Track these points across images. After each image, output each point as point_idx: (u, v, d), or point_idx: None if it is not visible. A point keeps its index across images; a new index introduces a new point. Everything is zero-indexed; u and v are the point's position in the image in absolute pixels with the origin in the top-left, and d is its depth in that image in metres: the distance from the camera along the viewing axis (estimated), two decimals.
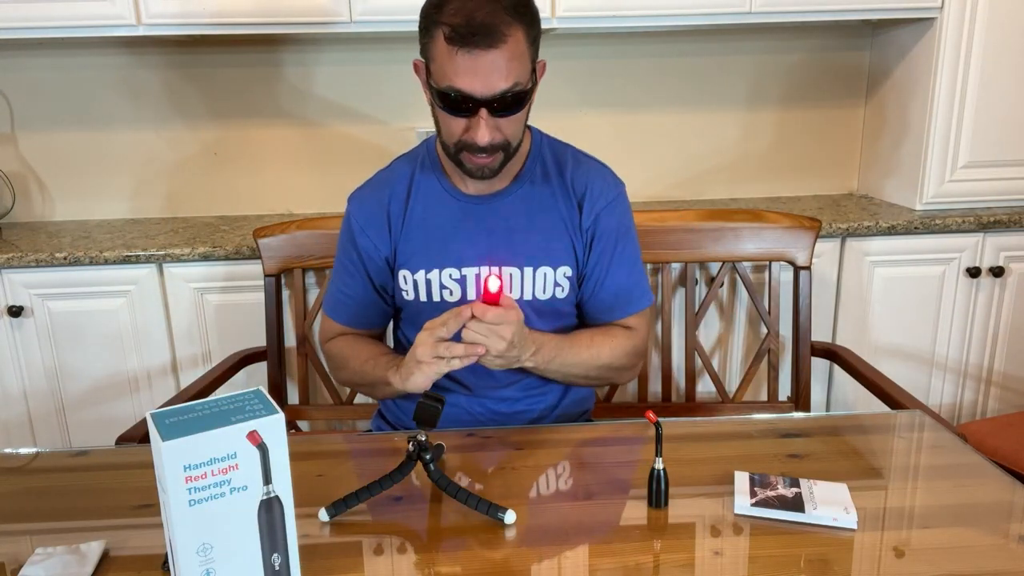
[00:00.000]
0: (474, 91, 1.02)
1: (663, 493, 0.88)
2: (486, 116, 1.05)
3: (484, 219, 1.19)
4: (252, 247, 1.86)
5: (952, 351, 2.10)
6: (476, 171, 1.11)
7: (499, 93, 1.03)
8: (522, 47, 1.03)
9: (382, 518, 0.88)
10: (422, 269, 1.19)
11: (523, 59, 1.04)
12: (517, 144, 1.12)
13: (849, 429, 1.08)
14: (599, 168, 1.24)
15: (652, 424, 0.87)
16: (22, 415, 1.96)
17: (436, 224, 1.20)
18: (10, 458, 1.06)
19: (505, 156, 1.11)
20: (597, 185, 1.21)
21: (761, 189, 2.43)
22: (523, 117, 1.11)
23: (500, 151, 1.09)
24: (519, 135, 1.12)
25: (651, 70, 2.33)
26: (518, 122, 1.10)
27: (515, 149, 1.12)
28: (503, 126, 1.07)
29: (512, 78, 1.03)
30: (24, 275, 1.87)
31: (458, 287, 1.19)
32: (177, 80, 2.24)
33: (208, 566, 0.68)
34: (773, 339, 1.61)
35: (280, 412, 0.68)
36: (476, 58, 1.00)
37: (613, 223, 1.20)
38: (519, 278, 1.18)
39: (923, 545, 0.81)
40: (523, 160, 1.20)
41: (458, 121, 1.07)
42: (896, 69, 2.21)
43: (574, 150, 1.25)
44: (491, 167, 1.11)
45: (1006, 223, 2.01)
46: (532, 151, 1.22)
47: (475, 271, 1.18)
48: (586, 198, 1.20)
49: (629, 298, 1.23)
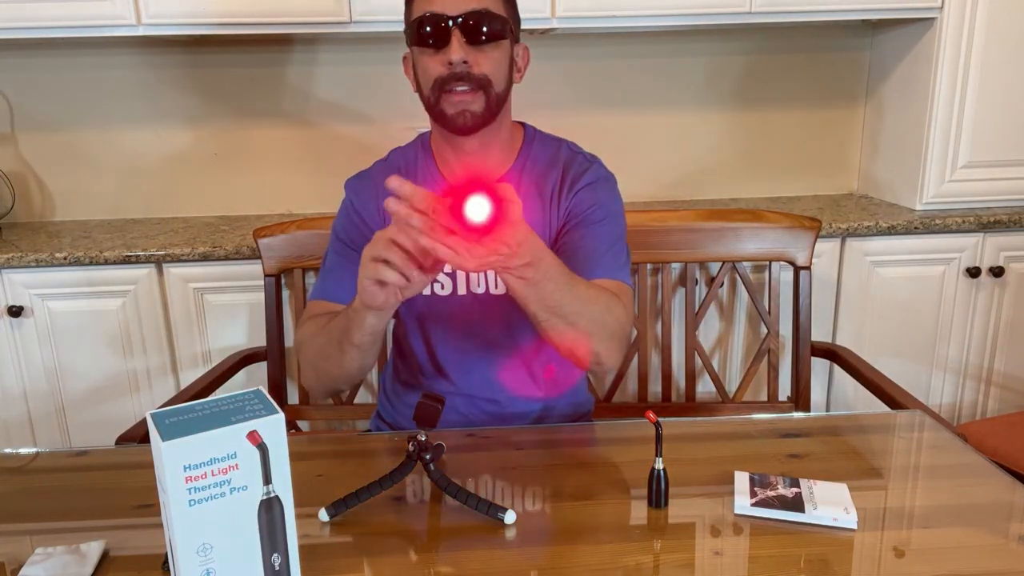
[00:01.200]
0: (444, 9, 1.06)
1: (663, 493, 0.88)
2: (458, 36, 1.06)
3: None
4: (252, 247, 1.86)
5: (952, 351, 2.10)
6: (457, 115, 1.09)
7: (469, 11, 1.05)
8: None
9: (382, 518, 0.88)
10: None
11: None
12: (499, 93, 1.11)
13: (849, 429, 1.08)
14: (588, 158, 1.22)
15: (652, 424, 0.87)
16: (22, 415, 1.96)
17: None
18: (10, 458, 1.06)
19: (486, 99, 1.09)
20: (578, 171, 1.18)
21: (761, 189, 2.43)
22: (499, 58, 1.10)
23: (480, 90, 1.08)
24: (499, 77, 1.10)
25: (651, 70, 2.32)
26: (495, 60, 1.09)
27: (496, 97, 1.10)
28: (478, 58, 1.08)
29: (483, 2, 1.06)
30: (24, 275, 1.87)
31: (448, 280, 1.18)
32: (177, 80, 2.24)
33: (208, 566, 0.68)
34: (773, 339, 1.61)
35: (280, 412, 0.68)
36: None
37: (589, 200, 1.16)
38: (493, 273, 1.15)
39: (923, 545, 0.81)
40: (515, 154, 1.20)
41: (434, 56, 1.08)
42: (896, 69, 2.21)
43: (567, 144, 1.24)
44: (472, 109, 1.09)
45: (1006, 223, 2.01)
46: (523, 145, 1.21)
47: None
48: (566, 181, 1.18)
49: (600, 263, 1.11)
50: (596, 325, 1.01)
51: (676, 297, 1.86)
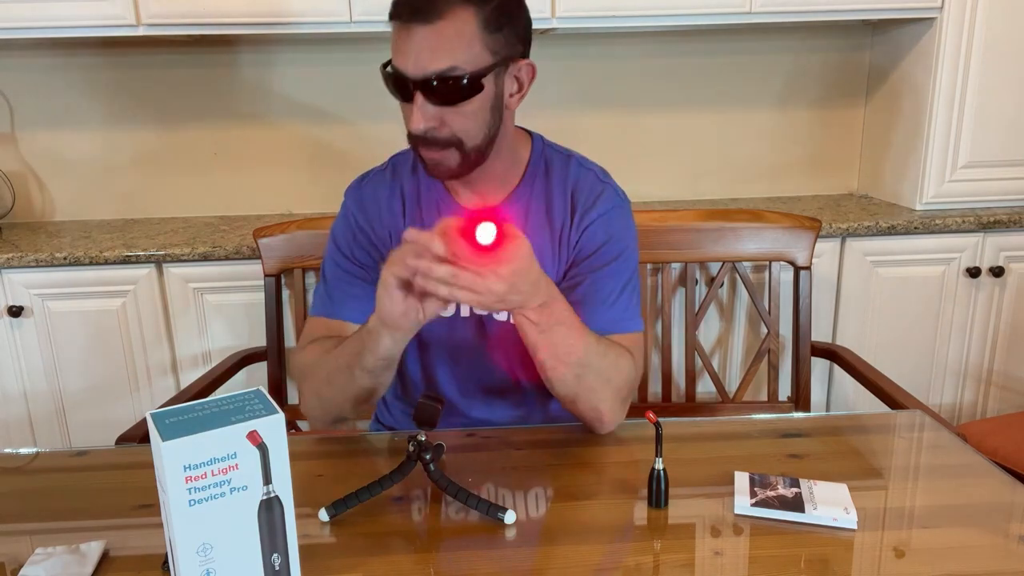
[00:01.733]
0: (406, 68, 0.95)
1: (663, 493, 0.88)
2: (420, 101, 0.96)
3: None
4: (252, 247, 1.86)
5: (952, 351, 2.10)
6: (432, 167, 1.03)
7: (429, 74, 0.94)
8: (467, 28, 0.94)
9: (382, 518, 0.88)
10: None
11: (467, 42, 0.94)
12: (477, 145, 1.01)
13: (849, 429, 1.08)
14: (598, 180, 1.13)
15: (652, 424, 0.87)
16: (22, 415, 1.96)
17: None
18: (10, 458, 1.06)
19: (461, 155, 1.01)
20: (590, 197, 1.10)
21: (761, 189, 2.43)
22: (474, 112, 0.98)
23: (452, 147, 1.00)
24: (474, 132, 1.00)
25: (651, 70, 2.33)
26: (467, 117, 0.98)
27: (474, 149, 1.01)
28: (447, 118, 0.98)
29: (446, 60, 0.93)
30: (24, 275, 1.87)
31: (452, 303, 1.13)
32: (177, 80, 2.24)
33: (208, 566, 0.68)
34: (773, 339, 1.61)
35: (280, 412, 0.68)
36: (409, 33, 0.94)
37: (602, 235, 1.09)
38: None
39: (923, 545, 0.81)
40: (521, 171, 1.12)
41: (405, 107, 1.00)
42: (896, 69, 2.21)
43: (578, 159, 1.15)
44: (446, 164, 1.01)
45: (1006, 223, 2.01)
46: (532, 161, 1.13)
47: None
48: (577, 209, 1.10)
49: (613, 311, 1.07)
50: (602, 381, 1.00)
51: (676, 297, 1.86)
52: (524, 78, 1.04)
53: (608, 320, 1.06)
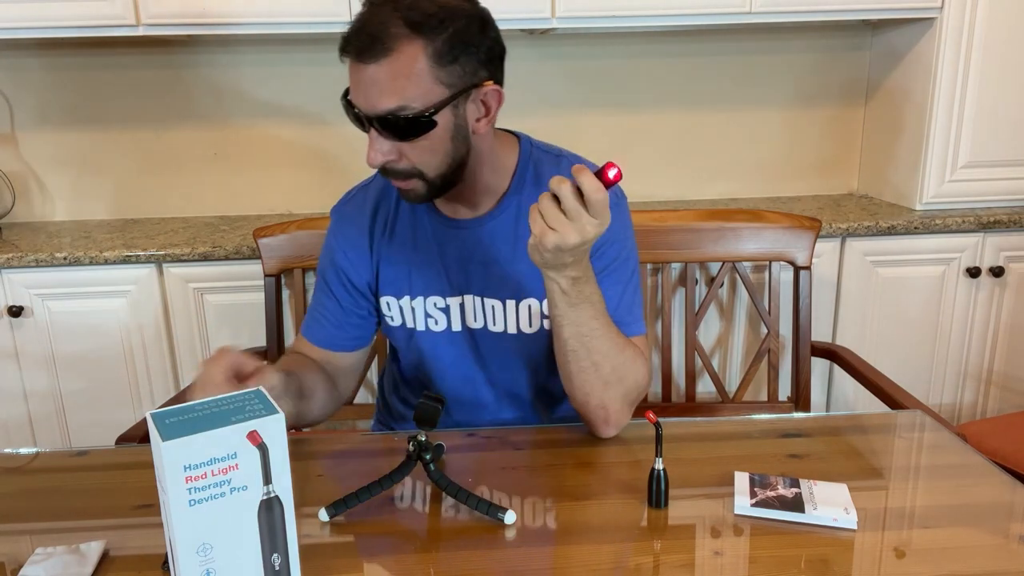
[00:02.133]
0: (359, 104, 0.94)
1: (663, 493, 0.88)
2: (375, 135, 0.95)
3: (466, 246, 1.10)
4: (252, 247, 1.86)
5: (952, 351, 2.10)
6: (402, 194, 1.03)
7: (380, 113, 0.92)
8: (417, 64, 0.91)
9: (382, 518, 0.88)
10: (406, 296, 1.13)
11: (417, 78, 0.91)
12: (442, 173, 0.99)
13: (849, 429, 1.08)
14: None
15: (652, 424, 0.87)
16: (22, 415, 1.96)
17: (420, 248, 1.11)
18: (10, 458, 1.06)
19: (426, 184, 0.99)
20: None
21: (761, 189, 2.43)
22: (431, 145, 0.96)
23: (415, 178, 0.99)
24: (435, 163, 0.98)
25: (651, 70, 2.33)
26: (425, 150, 0.96)
27: (439, 178, 0.99)
28: (406, 151, 0.96)
29: (395, 99, 0.91)
30: (24, 275, 1.87)
31: (443, 316, 1.12)
32: (177, 80, 2.24)
33: (208, 566, 0.68)
34: (773, 339, 1.61)
35: (280, 412, 0.68)
36: (359, 70, 0.92)
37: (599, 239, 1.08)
38: (501, 311, 1.10)
39: (923, 545, 0.81)
40: (509, 179, 1.09)
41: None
42: (896, 69, 2.21)
43: (568, 157, 1.13)
44: (415, 192, 1.00)
45: (1006, 223, 2.01)
46: (519, 167, 1.10)
47: (459, 300, 1.11)
48: None
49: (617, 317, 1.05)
50: (617, 376, 0.99)
51: (676, 297, 1.86)
52: (491, 102, 1.00)
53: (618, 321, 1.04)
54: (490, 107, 1.01)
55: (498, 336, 1.12)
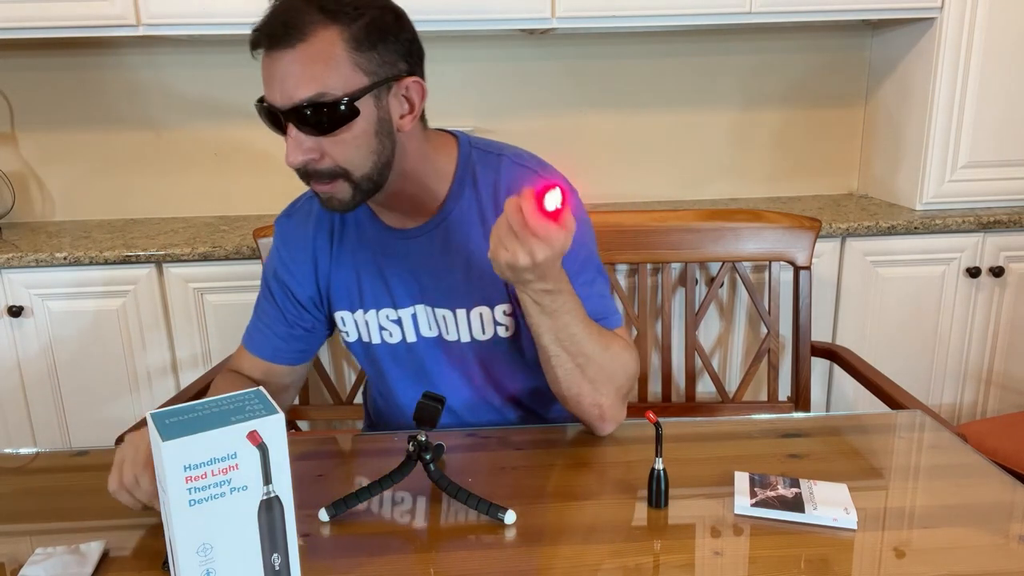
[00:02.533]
0: (273, 100, 0.89)
1: (663, 493, 0.88)
2: (294, 132, 0.89)
3: (410, 256, 1.06)
4: (252, 247, 1.86)
5: (952, 351, 2.10)
6: (325, 202, 0.96)
7: (298, 102, 0.87)
8: (334, 49, 0.87)
9: (382, 518, 0.88)
10: (359, 309, 1.10)
11: (335, 63, 0.87)
12: (367, 173, 0.94)
13: (849, 429, 1.08)
14: (535, 176, 1.05)
15: (652, 424, 0.87)
16: (22, 415, 1.96)
17: (367, 260, 1.08)
18: (10, 458, 1.06)
19: (352, 186, 0.94)
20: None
21: (761, 189, 2.43)
22: (355, 139, 0.91)
23: (340, 179, 0.93)
24: (359, 161, 0.93)
25: (651, 70, 2.33)
26: (348, 145, 0.91)
27: (365, 178, 0.94)
28: (327, 148, 0.91)
29: (313, 86, 0.87)
30: (24, 275, 1.87)
31: (396, 328, 1.10)
32: (177, 80, 2.24)
33: (208, 566, 0.68)
34: (773, 339, 1.61)
35: (280, 412, 0.68)
36: (273, 61, 0.88)
37: None
38: (453, 321, 1.07)
39: (923, 545, 0.81)
40: (448, 182, 1.04)
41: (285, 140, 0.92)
42: (896, 69, 2.21)
43: (511, 156, 1.06)
44: (339, 197, 0.95)
45: (1006, 223, 2.01)
46: (458, 171, 1.04)
47: (411, 311, 1.08)
48: None
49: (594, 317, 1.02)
50: (605, 375, 0.98)
51: (676, 297, 1.86)
52: (414, 97, 0.95)
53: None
54: (414, 103, 0.96)
55: (453, 344, 1.10)
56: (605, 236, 1.55)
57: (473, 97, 2.24)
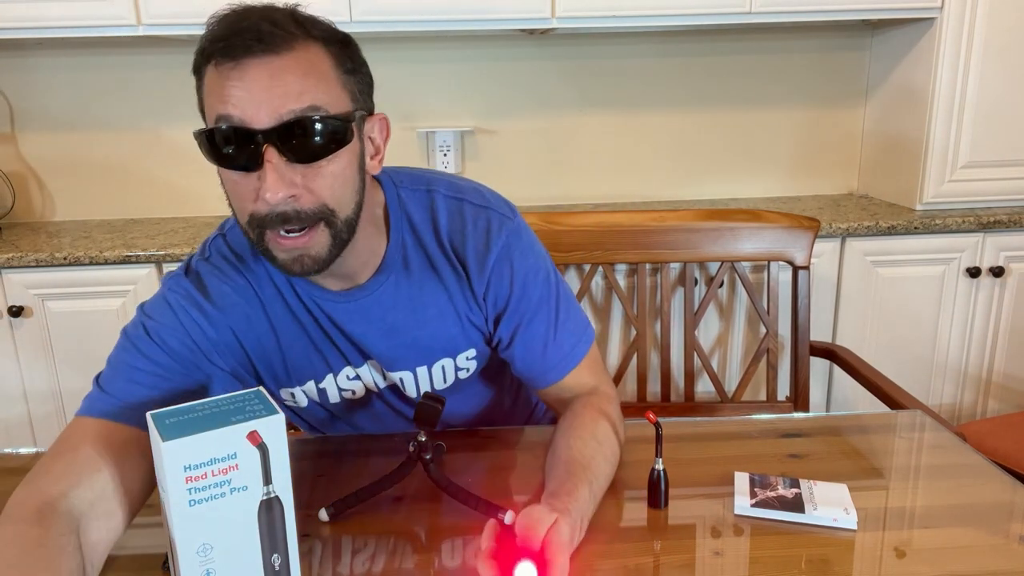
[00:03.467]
0: (248, 119, 0.73)
1: (663, 493, 0.88)
2: (275, 159, 0.73)
3: (360, 320, 0.93)
4: None
5: (952, 351, 2.11)
6: (292, 262, 0.79)
7: (287, 119, 0.73)
8: (322, 64, 0.76)
9: (382, 518, 0.88)
10: (311, 380, 0.98)
11: (325, 78, 0.76)
12: (348, 217, 0.81)
13: (849, 429, 1.08)
14: (475, 208, 0.94)
15: (652, 424, 0.87)
16: (22, 415, 1.96)
17: (310, 328, 0.94)
18: (10, 458, 1.06)
19: (332, 233, 0.79)
20: (477, 239, 0.93)
21: (761, 189, 2.43)
22: (342, 171, 0.78)
23: (320, 223, 0.78)
24: (345, 199, 0.80)
25: (651, 70, 2.33)
26: (335, 178, 0.78)
27: (346, 224, 0.81)
28: (310, 182, 0.76)
29: (307, 98, 0.74)
30: (24, 275, 1.87)
31: (359, 383, 1.01)
32: (177, 80, 2.24)
33: (208, 566, 0.68)
34: (772, 339, 1.61)
35: (280, 412, 0.68)
36: (247, 71, 0.73)
37: (507, 280, 0.94)
38: (412, 380, 0.99)
39: (924, 545, 0.81)
40: (385, 231, 0.92)
41: (245, 180, 0.76)
42: (896, 69, 2.21)
43: (444, 187, 0.95)
44: (312, 254, 0.79)
45: (1006, 223, 2.01)
46: (391, 215, 0.92)
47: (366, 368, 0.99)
48: (468, 260, 0.93)
49: (560, 354, 0.97)
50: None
51: (675, 297, 1.86)
52: (379, 138, 0.87)
53: (557, 361, 0.98)
54: (379, 144, 0.86)
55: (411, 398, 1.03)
56: (604, 236, 1.55)
57: (473, 97, 2.24)
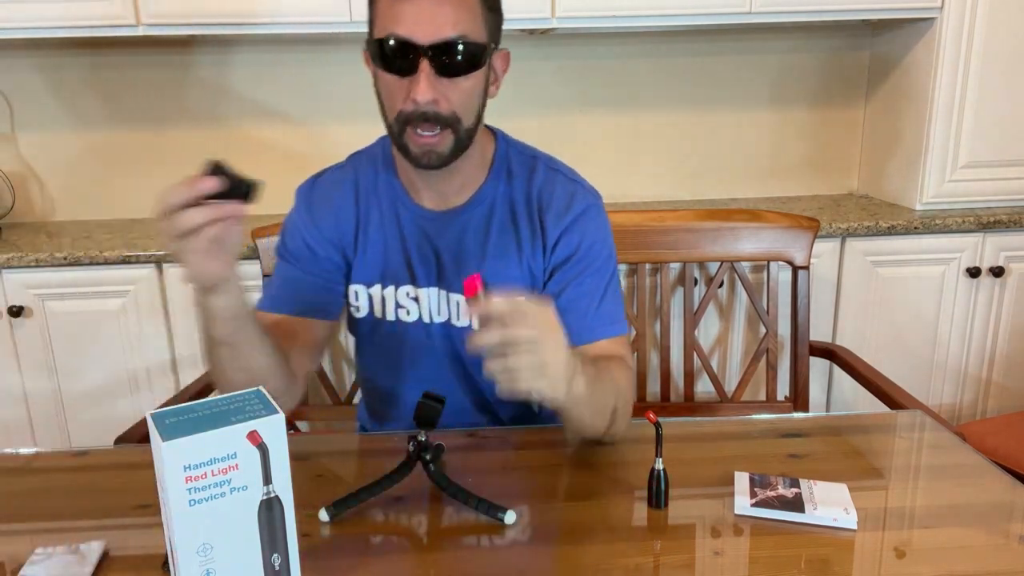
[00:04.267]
0: (414, 36, 0.91)
1: (663, 493, 0.88)
2: (427, 69, 0.92)
3: (438, 238, 1.08)
4: (251, 247, 1.86)
5: (952, 351, 2.10)
6: (421, 155, 0.97)
7: (442, 40, 0.91)
8: (473, 1, 0.94)
9: (382, 518, 0.88)
10: (377, 284, 1.10)
11: (474, 14, 0.94)
12: (469, 128, 0.98)
13: (849, 429, 1.08)
14: (568, 181, 1.09)
15: (652, 424, 0.87)
16: (22, 415, 1.96)
17: (393, 235, 1.09)
18: (10, 458, 1.06)
19: (455, 138, 0.97)
20: (563, 199, 1.07)
21: (761, 189, 2.43)
22: (474, 89, 0.97)
23: (448, 128, 0.96)
24: (470, 111, 0.98)
25: (651, 70, 2.33)
26: (467, 93, 0.96)
27: (466, 133, 0.98)
28: (449, 92, 0.94)
29: (459, 28, 0.92)
30: (24, 275, 1.87)
31: (414, 306, 1.10)
32: (176, 80, 2.24)
33: (208, 566, 0.68)
34: (771, 339, 1.61)
35: (280, 412, 0.68)
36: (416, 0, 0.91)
37: (577, 239, 1.06)
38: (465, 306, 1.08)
39: (923, 545, 0.81)
40: (485, 172, 1.08)
41: (399, 84, 0.94)
42: (896, 69, 2.21)
43: (545, 159, 1.11)
44: (438, 151, 0.97)
45: (1006, 223, 2.01)
46: (495, 163, 1.08)
47: (427, 292, 1.09)
48: (547, 217, 1.07)
49: (599, 319, 1.05)
50: (609, 410, 0.97)
51: (675, 297, 1.86)
52: (500, 69, 1.03)
53: (592, 327, 1.05)
54: (499, 73, 1.03)
55: (463, 331, 1.09)
56: None
57: None
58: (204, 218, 0.78)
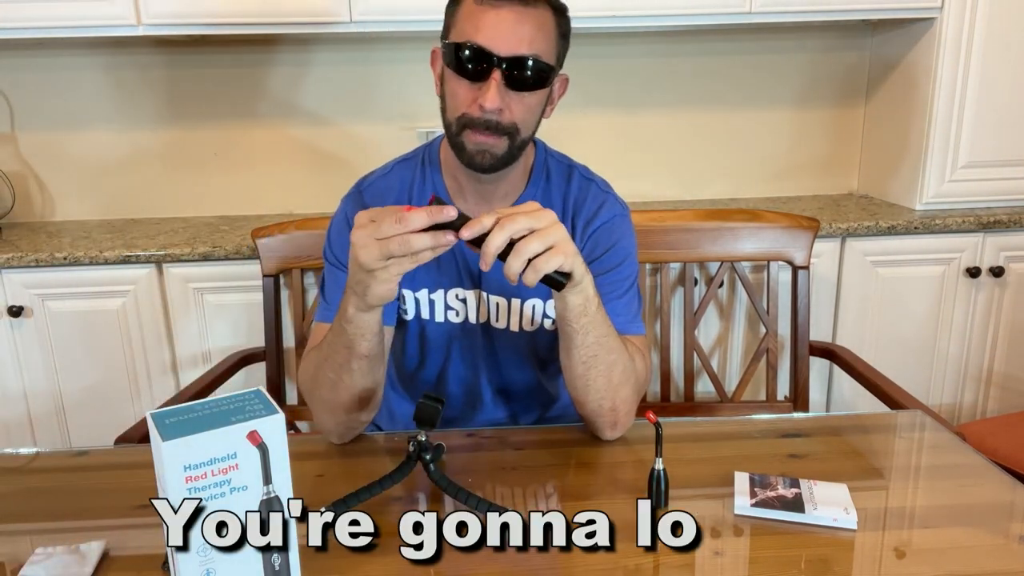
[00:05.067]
0: (492, 46, 0.96)
1: (663, 493, 0.88)
2: (499, 80, 0.97)
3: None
4: (252, 247, 1.86)
5: (952, 351, 2.10)
6: (476, 154, 1.01)
7: (517, 55, 0.96)
8: (549, 26, 1.00)
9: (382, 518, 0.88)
10: (424, 288, 1.13)
11: (548, 37, 1.00)
12: (524, 140, 1.04)
13: (849, 429, 1.08)
14: (600, 191, 1.15)
15: (652, 424, 0.87)
16: (22, 415, 1.96)
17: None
18: (10, 458, 1.06)
19: (510, 145, 1.01)
20: (592, 207, 1.13)
21: (761, 189, 2.43)
22: (536, 105, 1.03)
23: (506, 135, 1.00)
24: (528, 125, 1.03)
25: (651, 70, 2.33)
26: (529, 108, 1.01)
27: (521, 142, 1.03)
28: (513, 104, 0.99)
29: (535, 47, 0.98)
30: (24, 275, 1.87)
31: (463, 307, 1.14)
32: (177, 80, 2.24)
33: (208, 566, 0.68)
34: (771, 339, 1.61)
35: (280, 412, 0.68)
36: (500, 13, 0.96)
37: (605, 241, 1.11)
38: (506, 309, 1.13)
39: (923, 545, 0.81)
40: (526, 179, 1.13)
41: (468, 88, 0.99)
42: (896, 69, 2.21)
43: (581, 169, 1.17)
44: (493, 152, 1.01)
45: (1006, 223, 2.01)
46: (535, 170, 1.14)
47: (473, 294, 1.13)
48: (579, 219, 1.12)
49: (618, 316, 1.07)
50: (626, 376, 1.00)
51: (675, 297, 1.86)
52: (558, 93, 1.10)
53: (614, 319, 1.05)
54: (555, 97, 1.10)
55: (501, 332, 1.15)
56: None
57: None
58: (431, 244, 0.81)
